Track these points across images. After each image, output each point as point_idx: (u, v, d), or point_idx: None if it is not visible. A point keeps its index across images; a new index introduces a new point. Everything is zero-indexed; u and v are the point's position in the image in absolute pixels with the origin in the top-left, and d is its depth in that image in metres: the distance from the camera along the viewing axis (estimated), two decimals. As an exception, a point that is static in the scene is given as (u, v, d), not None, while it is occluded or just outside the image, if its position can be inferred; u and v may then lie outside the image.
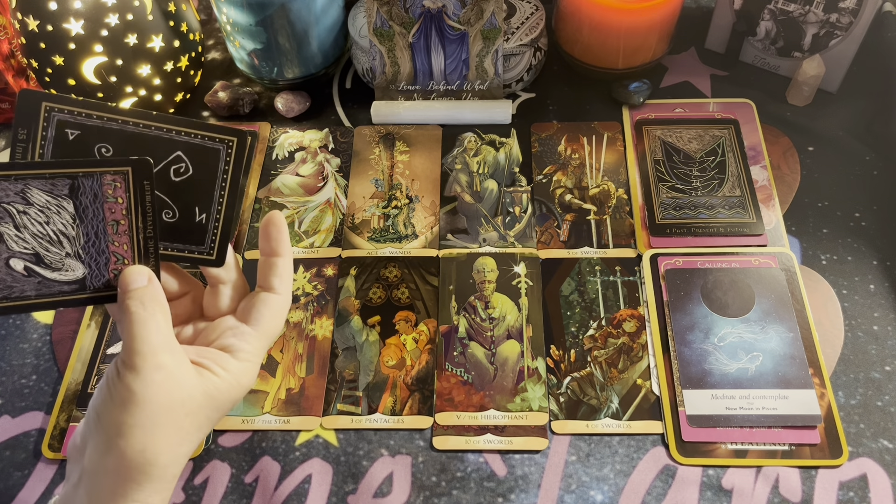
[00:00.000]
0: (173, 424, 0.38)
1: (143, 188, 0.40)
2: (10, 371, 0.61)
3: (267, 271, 0.44)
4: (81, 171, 0.39)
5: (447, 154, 0.72)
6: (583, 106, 0.75)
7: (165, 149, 0.41)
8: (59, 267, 0.40)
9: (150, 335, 0.38)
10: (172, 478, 0.39)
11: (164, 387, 0.38)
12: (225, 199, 0.42)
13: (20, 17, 0.64)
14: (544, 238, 0.66)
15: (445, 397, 0.57)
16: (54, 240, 0.40)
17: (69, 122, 0.39)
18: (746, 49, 0.76)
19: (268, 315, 0.43)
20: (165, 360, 0.38)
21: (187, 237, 0.43)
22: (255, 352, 0.43)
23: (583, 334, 0.60)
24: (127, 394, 0.38)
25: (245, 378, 0.42)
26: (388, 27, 0.70)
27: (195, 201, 0.42)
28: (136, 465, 0.38)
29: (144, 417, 0.38)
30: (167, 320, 0.40)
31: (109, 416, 0.38)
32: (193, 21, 0.74)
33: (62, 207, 0.39)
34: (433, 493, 0.53)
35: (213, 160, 0.42)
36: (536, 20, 0.73)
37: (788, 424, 0.54)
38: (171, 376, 0.38)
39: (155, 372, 0.38)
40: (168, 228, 0.43)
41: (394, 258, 0.65)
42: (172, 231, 0.43)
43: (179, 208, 0.42)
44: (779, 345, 0.57)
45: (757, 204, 0.66)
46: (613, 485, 0.53)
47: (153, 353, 0.38)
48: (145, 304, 0.39)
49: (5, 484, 0.55)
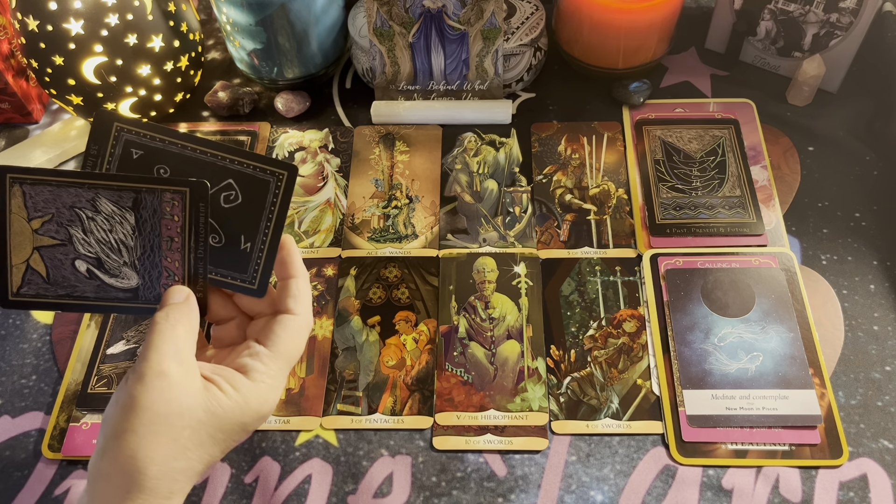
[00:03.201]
0: (169, 435, 0.38)
1: (199, 209, 0.42)
2: (10, 371, 0.61)
3: (282, 293, 0.44)
4: (145, 186, 0.41)
5: (447, 154, 0.72)
6: (583, 106, 0.75)
7: (218, 175, 0.42)
8: (117, 274, 0.43)
9: (162, 344, 0.39)
10: (168, 494, 0.38)
11: (163, 394, 0.38)
12: (271, 231, 0.43)
13: (20, 17, 0.64)
14: (544, 238, 0.66)
15: (445, 397, 0.57)
16: (115, 248, 0.42)
17: (135, 143, 0.42)
18: (746, 49, 0.76)
19: (284, 335, 0.43)
20: (171, 368, 0.38)
21: (231, 264, 0.44)
22: (269, 373, 0.42)
23: (583, 334, 0.60)
24: (127, 398, 0.38)
25: (255, 399, 0.41)
26: (388, 27, 0.70)
27: (242, 229, 0.43)
28: (126, 472, 0.37)
29: (139, 423, 0.37)
30: (188, 335, 0.40)
31: (109, 419, 0.38)
32: (193, 21, 0.73)
33: (125, 218, 0.42)
34: (433, 493, 0.53)
35: (262, 191, 0.43)
36: (536, 20, 0.73)
37: (788, 424, 0.54)
38: (173, 385, 0.38)
39: (157, 379, 0.38)
40: (214, 253, 0.44)
41: (394, 258, 0.65)
42: (218, 256, 0.44)
43: (226, 235, 0.44)
44: (779, 345, 0.57)
45: (757, 204, 0.66)
46: (613, 485, 0.53)
47: (159, 361, 0.38)
48: (169, 317, 0.40)
49: (5, 484, 0.55)
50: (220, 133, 0.75)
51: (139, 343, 0.61)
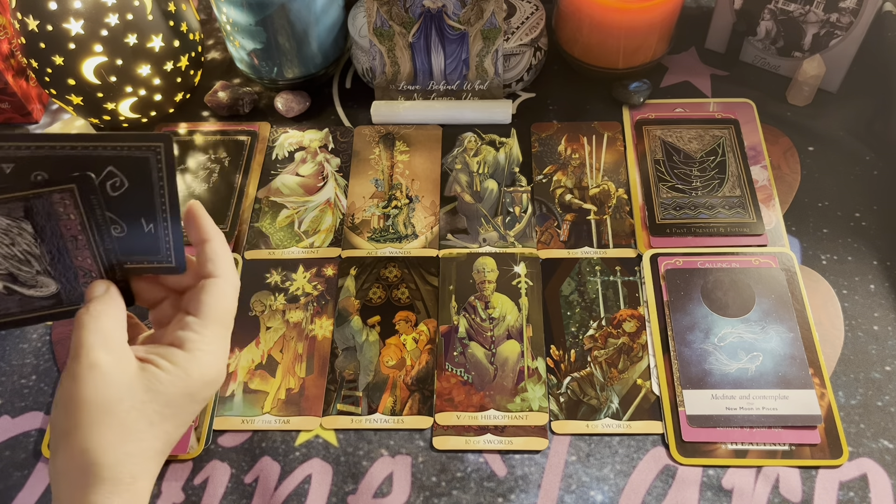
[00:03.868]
0: (113, 422, 0.38)
1: (91, 202, 0.41)
2: (10, 371, 0.61)
3: (200, 259, 0.44)
4: (31, 193, 0.41)
5: (447, 154, 0.72)
6: (583, 106, 0.75)
7: (97, 166, 0.42)
8: (33, 284, 0.43)
9: (88, 337, 0.39)
10: (130, 479, 0.38)
11: (98, 384, 0.38)
12: (168, 205, 0.43)
13: (20, 16, 0.64)
14: (544, 238, 0.66)
15: (445, 397, 0.57)
16: (23, 259, 0.42)
17: (2, 158, 0.41)
18: (746, 49, 0.76)
19: (210, 300, 0.43)
20: (100, 358, 0.39)
21: (143, 248, 0.44)
22: (204, 340, 0.42)
23: (583, 334, 0.60)
24: (65, 397, 0.38)
25: (196, 369, 0.41)
26: (388, 27, 0.70)
27: (139, 212, 0.43)
28: (82, 467, 0.37)
29: (81, 417, 0.38)
30: (115, 323, 0.40)
31: (55, 421, 0.39)
32: (193, 21, 0.73)
33: (22, 229, 0.42)
34: (433, 493, 0.53)
35: (145, 169, 0.42)
36: (536, 20, 0.73)
37: (788, 424, 0.54)
38: (106, 374, 0.38)
39: (89, 371, 0.38)
40: (122, 242, 0.43)
41: (394, 258, 0.65)
42: (127, 244, 0.43)
43: (126, 222, 0.43)
44: (779, 345, 0.57)
45: (757, 204, 0.66)
46: (613, 485, 0.53)
47: (87, 353, 0.38)
48: (90, 311, 0.40)
49: (5, 484, 0.55)
50: (221, 133, 0.75)
51: (139, 343, 0.61)
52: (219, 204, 0.69)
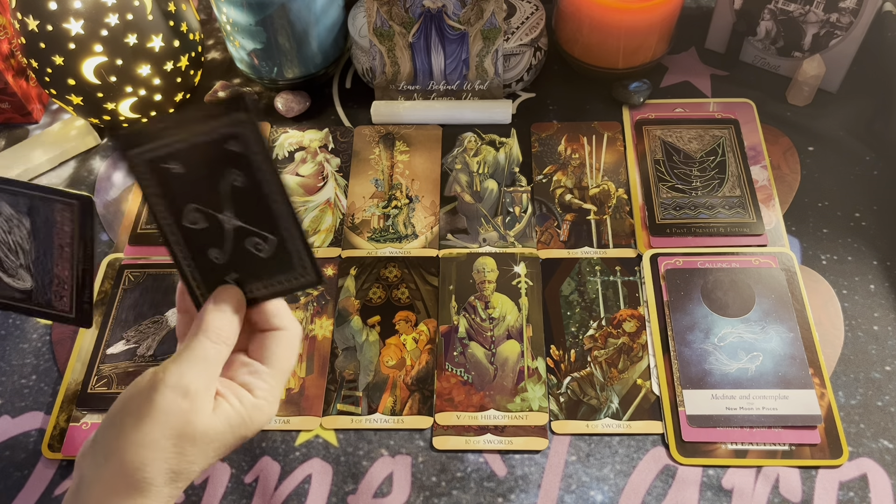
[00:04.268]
0: (179, 453, 0.38)
1: (86, 223, 0.43)
2: (10, 371, 0.61)
3: (264, 316, 0.43)
4: (38, 194, 0.43)
5: (447, 154, 0.72)
6: (583, 106, 0.75)
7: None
8: (13, 274, 0.45)
9: (199, 361, 0.39)
10: (168, 498, 0.39)
11: (183, 414, 0.38)
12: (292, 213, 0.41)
13: (20, 16, 0.64)
14: (544, 238, 0.66)
15: (445, 397, 0.57)
16: (13, 249, 0.44)
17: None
18: (746, 49, 0.76)
19: (279, 352, 0.43)
20: (199, 389, 0.39)
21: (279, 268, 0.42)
22: (269, 389, 0.42)
23: (583, 334, 0.60)
24: (147, 407, 0.38)
25: (258, 415, 0.41)
26: (388, 27, 0.70)
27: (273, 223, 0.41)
28: (131, 480, 0.37)
29: (152, 437, 0.37)
30: (225, 355, 0.41)
31: (119, 423, 0.38)
32: (193, 21, 0.73)
33: (21, 223, 0.44)
34: (433, 493, 0.53)
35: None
36: (536, 20, 0.73)
37: (788, 424, 0.54)
38: (194, 407, 0.38)
39: (182, 397, 0.38)
40: (264, 264, 0.42)
41: (394, 258, 0.65)
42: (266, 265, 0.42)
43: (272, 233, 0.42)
44: (779, 345, 0.57)
45: (757, 204, 0.66)
46: (613, 485, 0.53)
47: (191, 378, 0.38)
48: (218, 334, 0.40)
49: (5, 484, 0.55)
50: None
51: (139, 343, 0.61)
52: (219, 204, 0.69)
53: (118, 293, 0.64)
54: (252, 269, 0.41)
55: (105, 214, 0.70)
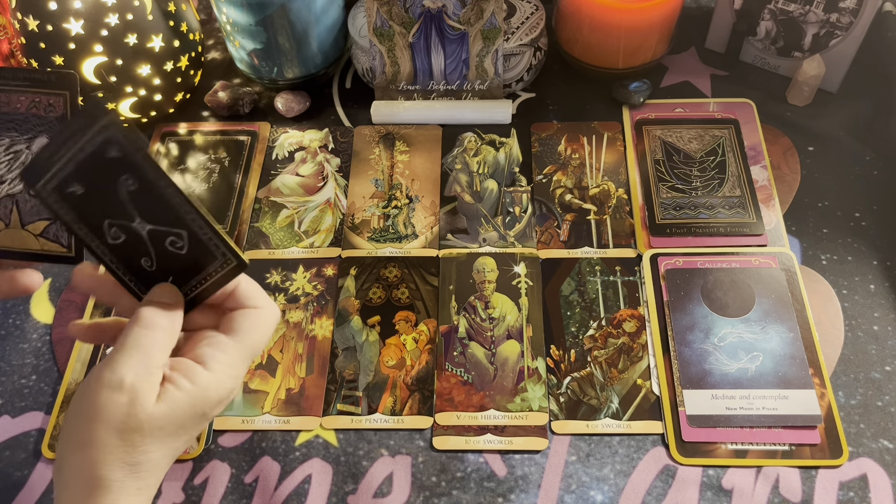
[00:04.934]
0: (129, 444, 0.38)
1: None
2: (10, 371, 0.61)
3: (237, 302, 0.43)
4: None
5: (447, 154, 0.72)
6: (583, 106, 0.75)
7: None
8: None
9: (136, 353, 0.39)
10: (136, 490, 0.38)
11: (126, 409, 0.38)
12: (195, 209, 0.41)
13: (20, 16, 0.64)
14: (544, 238, 0.66)
15: (445, 397, 0.57)
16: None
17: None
18: (746, 49, 0.76)
19: (246, 325, 0.42)
20: (138, 383, 0.38)
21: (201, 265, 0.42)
22: (227, 361, 0.41)
23: (583, 334, 0.60)
24: (89, 408, 0.38)
25: (214, 389, 0.40)
26: (388, 27, 0.70)
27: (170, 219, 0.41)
28: (89, 480, 0.37)
29: (99, 435, 0.37)
30: (167, 345, 0.40)
31: (71, 427, 0.39)
32: (193, 21, 0.73)
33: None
34: (433, 493, 0.53)
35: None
36: (536, 20, 0.73)
37: (788, 424, 0.54)
38: (137, 400, 0.38)
39: (120, 393, 0.38)
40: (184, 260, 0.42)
41: (394, 258, 0.65)
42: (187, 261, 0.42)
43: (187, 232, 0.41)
44: (779, 345, 0.57)
45: (757, 204, 0.66)
46: (613, 485, 0.53)
47: (127, 373, 0.38)
48: (147, 320, 0.40)
49: (5, 484, 0.55)
50: (221, 133, 0.75)
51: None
52: (219, 204, 0.69)
53: (118, 293, 0.64)
54: (181, 268, 0.41)
55: (105, 214, 0.70)
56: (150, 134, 0.75)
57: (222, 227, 0.43)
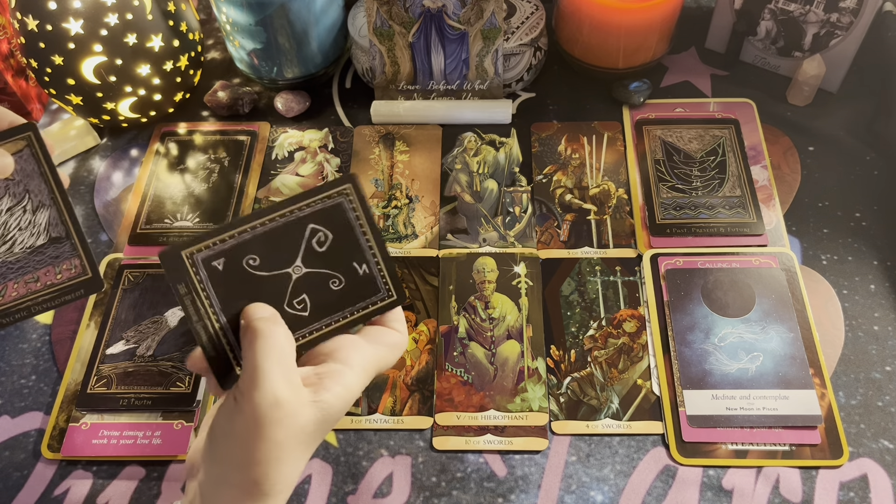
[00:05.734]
0: (290, 457, 0.38)
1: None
2: (9, 371, 0.61)
3: (381, 320, 0.44)
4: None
5: (447, 154, 0.72)
6: (583, 106, 0.75)
7: (299, 229, 0.42)
8: None
9: (267, 364, 0.37)
10: (284, 497, 0.39)
11: (283, 423, 0.37)
12: (374, 241, 0.43)
13: (19, 16, 0.64)
14: (544, 238, 0.66)
15: (445, 397, 0.57)
16: None
17: (211, 256, 0.40)
18: (747, 49, 0.76)
19: (386, 341, 0.43)
20: (283, 394, 0.37)
21: (363, 293, 0.43)
22: (362, 363, 0.41)
23: (583, 334, 0.60)
24: (241, 427, 0.37)
25: (356, 386, 0.40)
26: (388, 27, 0.70)
27: (350, 258, 0.43)
28: (250, 495, 0.38)
29: (262, 454, 0.37)
30: (291, 349, 0.39)
31: (227, 447, 0.38)
32: (193, 21, 0.73)
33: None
34: (433, 493, 0.53)
35: (341, 215, 0.42)
36: (536, 20, 0.73)
37: (789, 425, 0.54)
38: (290, 412, 0.37)
39: (274, 409, 0.37)
40: (344, 294, 0.43)
41: (394, 258, 0.65)
42: (348, 295, 0.43)
43: (342, 272, 0.43)
44: (779, 345, 0.57)
45: (757, 204, 0.66)
46: (614, 485, 0.53)
47: (270, 387, 0.37)
48: (263, 331, 0.38)
49: (5, 484, 0.55)
50: (220, 133, 0.75)
51: (138, 343, 0.61)
52: (219, 204, 0.69)
53: (118, 293, 0.64)
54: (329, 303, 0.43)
55: (105, 214, 0.70)
56: (150, 134, 0.75)
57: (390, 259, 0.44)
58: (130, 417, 0.57)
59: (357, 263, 0.43)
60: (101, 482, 0.55)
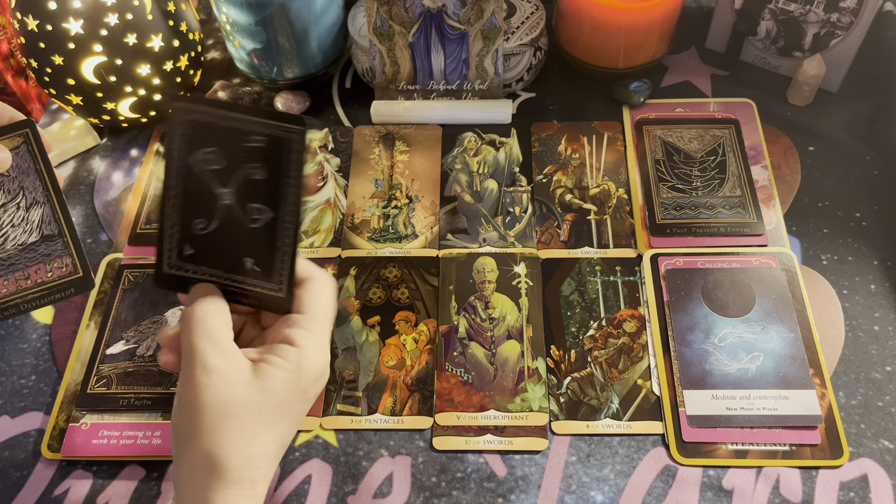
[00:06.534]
0: (237, 425, 0.38)
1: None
2: (9, 371, 0.61)
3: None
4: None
5: (447, 154, 0.72)
6: (583, 106, 0.75)
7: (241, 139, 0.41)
8: None
9: (197, 340, 0.39)
10: (251, 483, 0.39)
11: (218, 388, 0.38)
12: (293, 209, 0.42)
13: (20, 16, 0.64)
14: (544, 238, 0.66)
15: (445, 397, 0.57)
16: None
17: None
18: (747, 49, 0.76)
19: (311, 298, 0.43)
20: (215, 361, 0.39)
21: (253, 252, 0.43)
22: (313, 336, 0.42)
23: (583, 334, 0.60)
24: (185, 402, 0.39)
25: (307, 364, 0.41)
26: (388, 27, 0.70)
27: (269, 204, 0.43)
28: (206, 470, 0.38)
29: (204, 422, 0.38)
30: (224, 325, 0.41)
31: (178, 427, 0.40)
32: (193, 21, 0.73)
33: None
34: (433, 493, 0.53)
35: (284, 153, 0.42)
36: (536, 20, 0.73)
37: (789, 425, 0.54)
38: (223, 377, 0.39)
39: (205, 375, 0.38)
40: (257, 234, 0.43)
41: (394, 258, 0.65)
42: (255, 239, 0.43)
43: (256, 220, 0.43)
44: (779, 345, 0.57)
45: (757, 204, 0.66)
46: (614, 485, 0.53)
47: (201, 358, 0.39)
48: (196, 312, 0.40)
49: (5, 484, 0.55)
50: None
51: (139, 343, 0.61)
52: (218, 204, 0.69)
53: (118, 293, 0.64)
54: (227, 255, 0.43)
55: (104, 214, 0.70)
56: (150, 134, 0.75)
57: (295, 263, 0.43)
58: (130, 417, 0.57)
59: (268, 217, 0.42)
60: (101, 482, 0.55)
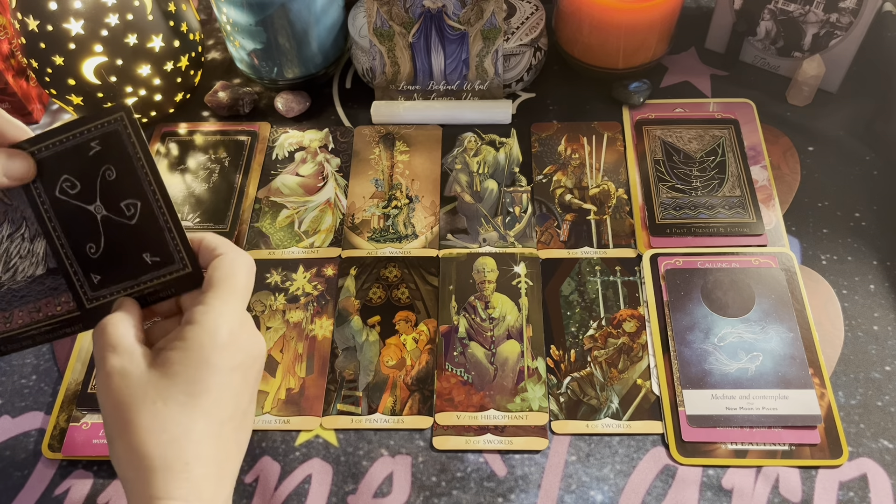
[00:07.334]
0: (147, 414, 0.39)
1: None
2: (10, 371, 0.61)
3: (203, 255, 0.45)
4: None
5: (447, 154, 0.72)
6: (583, 106, 0.75)
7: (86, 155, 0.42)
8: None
9: (97, 350, 0.42)
10: (183, 465, 0.39)
11: (119, 387, 0.40)
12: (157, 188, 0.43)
13: (20, 16, 0.64)
14: (544, 238, 0.66)
15: (445, 397, 0.57)
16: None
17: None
18: (746, 49, 0.76)
19: (216, 275, 0.43)
20: (112, 363, 0.41)
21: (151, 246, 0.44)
22: (211, 307, 0.41)
23: (583, 334, 0.60)
24: (102, 406, 0.41)
25: (207, 336, 0.41)
26: (388, 27, 0.70)
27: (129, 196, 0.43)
28: (135, 463, 0.39)
29: (119, 420, 0.40)
30: (123, 330, 0.42)
31: (106, 430, 0.42)
32: (193, 21, 0.74)
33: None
34: (433, 493, 0.53)
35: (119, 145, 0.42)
36: (536, 20, 0.73)
37: (788, 424, 0.54)
38: (122, 376, 0.40)
39: (107, 379, 0.40)
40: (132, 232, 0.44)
41: (394, 258, 0.65)
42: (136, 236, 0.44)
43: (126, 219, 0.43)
44: (779, 345, 0.57)
45: (757, 204, 0.66)
46: (613, 485, 0.53)
47: (101, 364, 0.41)
48: (99, 326, 0.42)
49: (5, 484, 0.55)
50: (221, 133, 0.75)
51: (139, 343, 0.61)
52: (219, 204, 0.69)
53: (118, 293, 0.64)
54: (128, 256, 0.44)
55: (105, 214, 0.70)
56: (151, 134, 0.75)
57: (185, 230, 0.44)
58: (131, 417, 0.57)
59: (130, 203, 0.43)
60: (102, 482, 0.55)
